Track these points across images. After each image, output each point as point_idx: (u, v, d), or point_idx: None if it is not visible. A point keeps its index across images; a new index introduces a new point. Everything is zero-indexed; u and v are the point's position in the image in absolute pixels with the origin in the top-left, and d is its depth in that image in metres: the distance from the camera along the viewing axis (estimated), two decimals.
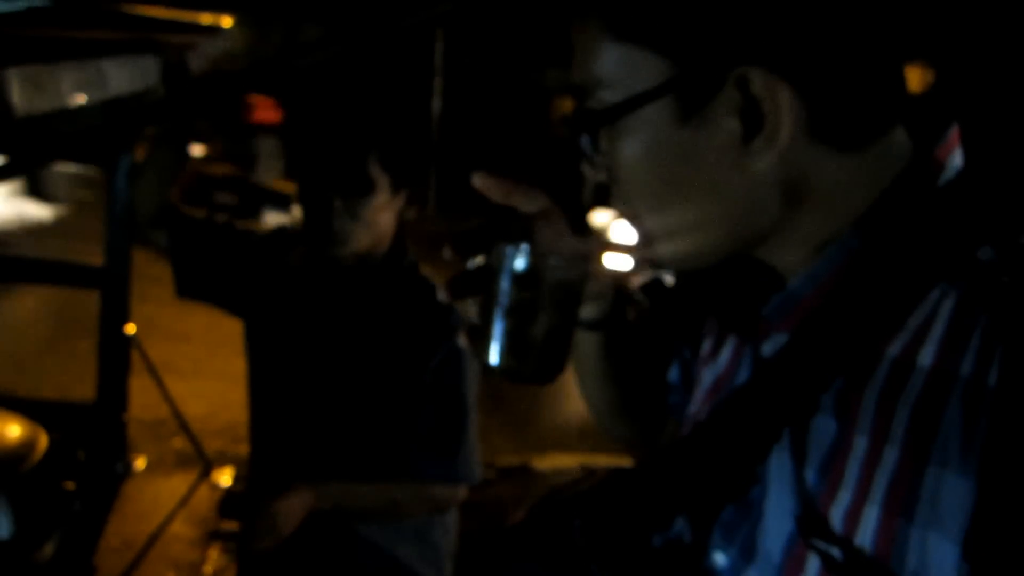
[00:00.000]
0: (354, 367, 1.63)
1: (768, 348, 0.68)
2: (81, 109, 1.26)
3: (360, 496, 1.61)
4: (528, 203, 0.80)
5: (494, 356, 0.76)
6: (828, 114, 0.60)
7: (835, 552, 0.59)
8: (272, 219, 8.93)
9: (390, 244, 1.64)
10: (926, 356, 0.57)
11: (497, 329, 0.76)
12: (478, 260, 0.79)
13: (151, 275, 2.50)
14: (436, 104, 8.70)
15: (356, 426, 1.64)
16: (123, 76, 1.48)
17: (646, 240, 0.69)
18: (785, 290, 0.65)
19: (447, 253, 0.83)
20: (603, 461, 3.98)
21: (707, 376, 0.79)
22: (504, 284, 0.75)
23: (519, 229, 0.80)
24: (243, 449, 1.76)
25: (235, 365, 1.75)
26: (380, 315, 1.64)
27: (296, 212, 1.64)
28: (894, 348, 0.59)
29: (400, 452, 1.62)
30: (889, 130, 0.63)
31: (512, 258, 0.75)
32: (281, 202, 8.85)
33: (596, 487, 0.72)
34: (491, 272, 0.76)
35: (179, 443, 4.15)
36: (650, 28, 0.61)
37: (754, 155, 0.60)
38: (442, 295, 0.82)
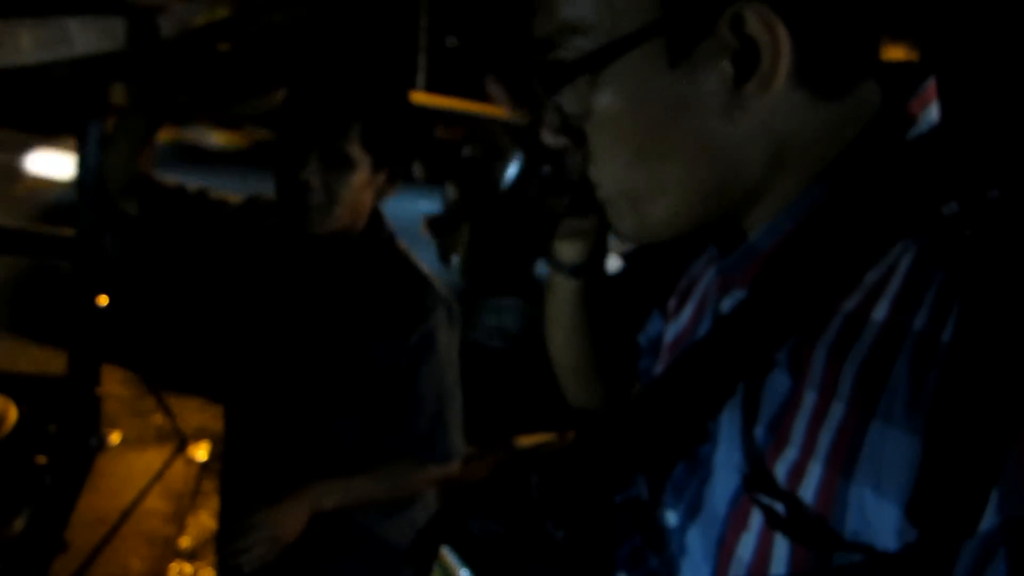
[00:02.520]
0: (330, 343, 1.61)
1: (727, 303, 0.66)
2: (44, 68, 1.23)
3: (359, 489, 1.58)
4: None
5: (454, 256, 0.78)
6: (815, 57, 0.58)
7: (779, 507, 0.58)
8: None
9: (368, 219, 1.61)
10: (880, 311, 0.55)
11: (463, 230, 0.78)
12: (467, 149, 0.79)
13: None
14: (420, 80, 8.64)
15: (332, 403, 1.61)
16: (89, 37, 1.44)
17: (609, 209, 0.66)
18: (745, 244, 0.63)
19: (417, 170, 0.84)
20: None
21: (669, 333, 0.78)
22: (487, 189, 0.76)
23: (511, 149, 0.79)
24: (221, 425, 1.73)
25: None
26: (357, 290, 1.61)
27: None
28: (850, 303, 0.57)
29: (387, 434, 1.60)
30: (863, 81, 0.61)
31: (505, 167, 0.76)
32: None
33: (560, 447, 0.71)
34: (477, 163, 0.77)
35: (158, 419, 4.13)
36: None
37: (746, 100, 0.58)
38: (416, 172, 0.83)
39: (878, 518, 0.52)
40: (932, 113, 0.61)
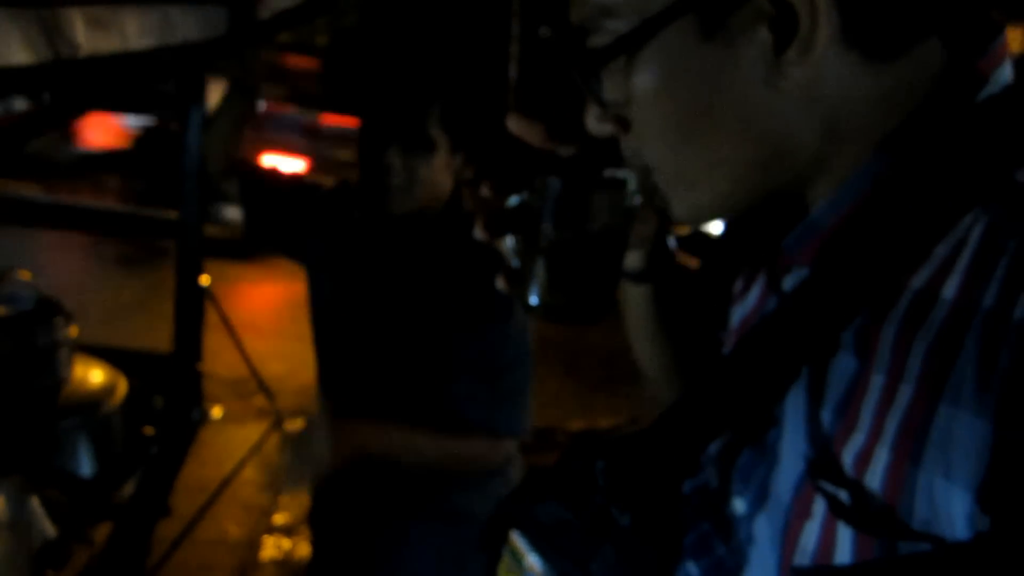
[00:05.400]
0: (409, 320, 1.64)
1: (789, 282, 0.64)
2: (147, 53, 1.29)
3: (409, 446, 1.59)
4: (567, 147, 0.77)
5: (534, 295, 0.75)
6: (862, 17, 0.55)
7: (843, 495, 0.56)
8: None
9: (448, 200, 1.64)
10: (950, 288, 0.52)
11: (538, 268, 0.74)
12: (516, 198, 0.76)
13: (236, 241, 2.56)
14: (512, 70, 8.66)
15: (411, 376, 1.65)
16: (189, 23, 1.50)
17: (663, 193, 0.64)
18: (806, 220, 0.61)
19: (485, 190, 0.81)
20: None
21: (736, 315, 0.76)
22: (547, 223, 0.73)
23: (562, 169, 0.77)
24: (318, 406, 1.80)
25: None
26: (436, 265, 1.64)
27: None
28: (918, 279, 0.54)
29: (447, 401, 1.62)
30: (924, 41, 0.57)
31: (556, 196, 0.72)
32: None
33: (627, 432, 0.69)
34: (532, 210, 0.74)
35: (258, 401, 4.29)
36: None
37: (788, 67, 0.55)
38: (478, 233, 0.80)
39: (948, 506, 0.50)
40: (1006, 72, 0.57)
